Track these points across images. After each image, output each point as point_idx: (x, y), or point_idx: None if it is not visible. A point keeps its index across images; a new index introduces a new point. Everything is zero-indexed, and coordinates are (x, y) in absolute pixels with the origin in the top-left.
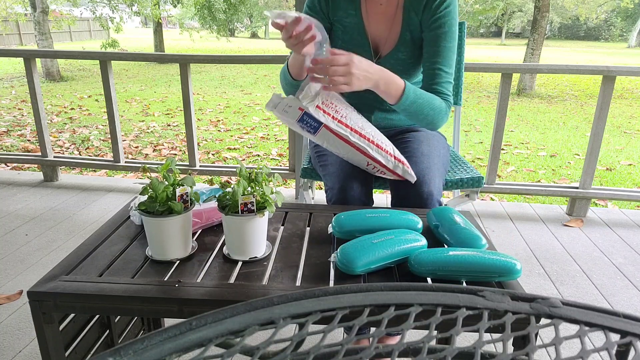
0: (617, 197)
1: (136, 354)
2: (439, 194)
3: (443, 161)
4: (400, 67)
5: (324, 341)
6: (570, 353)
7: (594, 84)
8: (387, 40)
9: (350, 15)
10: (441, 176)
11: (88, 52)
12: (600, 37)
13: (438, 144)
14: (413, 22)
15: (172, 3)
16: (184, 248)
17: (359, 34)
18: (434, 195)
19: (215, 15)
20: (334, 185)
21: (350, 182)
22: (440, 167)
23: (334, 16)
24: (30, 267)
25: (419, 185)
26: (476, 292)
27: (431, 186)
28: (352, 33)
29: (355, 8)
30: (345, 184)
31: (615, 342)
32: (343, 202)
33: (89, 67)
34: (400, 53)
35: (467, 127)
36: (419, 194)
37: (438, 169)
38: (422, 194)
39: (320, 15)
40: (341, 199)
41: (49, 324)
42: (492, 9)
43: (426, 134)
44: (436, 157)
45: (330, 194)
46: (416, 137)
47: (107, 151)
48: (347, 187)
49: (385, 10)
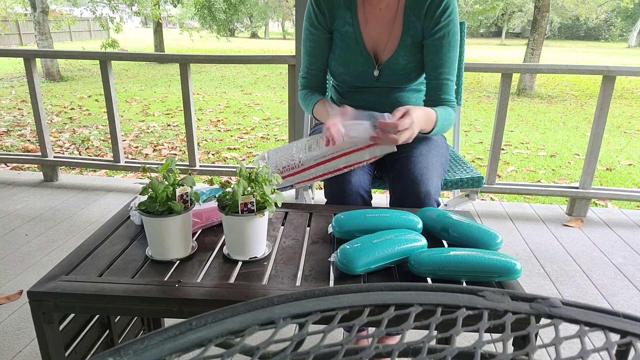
0: (617, 197)
1: (136, 354)
2: (437, 194)
3: (441, 161)
4: (401, 72)
5: (324, 341)
6: (570, 353)
7: (594, 84)
8: (387, 45)
9: (347, 23)
10: (439, 176)
11: (88, 52)
12: (600, 37)
13: (437, 143)
14: (414, 26)
15: (172, 3)
16: (184, 248)
17: (356, 42)
18: (431, 194)
19: (215, 15)
20: (332, 190)
21: (349, 185)
22: (438, 166)
23: (332, 25)
24: (30, 267)
25: (416, 185)
26: (476, 292)
27: (429, 186)
28: (349, 41)
29: (352, 16)
30: (344, 188)
31: (615, 342)
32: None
33: (89, 67)
34: (400, 58)
35: (467, 127)
36: (416, 194)
37: (436, 169)
38: (420, 194)
39: (319, 29)
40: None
41: (49, 324)
42: (492, 9)
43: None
44: (434, 156)
45: (328, 198)
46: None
47: (107, 151)
48: (346, 190)
49: (384, 14)
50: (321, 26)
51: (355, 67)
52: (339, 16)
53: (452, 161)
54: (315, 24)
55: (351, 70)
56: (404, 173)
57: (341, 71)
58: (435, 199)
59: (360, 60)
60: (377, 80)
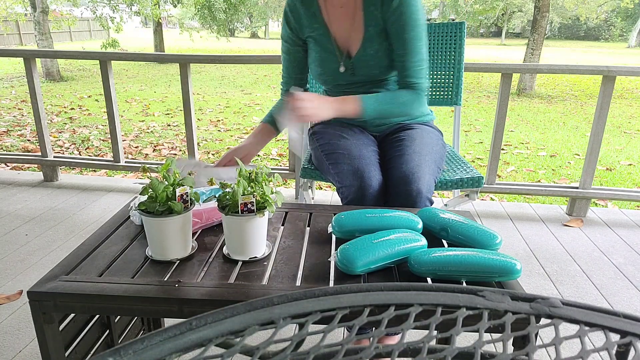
0: (617, 197)
1: (136, 354)
2: (429, 192)
3: (435, 158)
4: (372, 62)
5: (324, 341)
6: (570, 353)
7: (594, 84)
8: (354, 39)
9: (316, 28)
10: (432, 174)
11: (88, 52)
12: (600, 37)
13: (432, 141)
14: (374, 16)
15: (172, 3)
16: (184, 248)
17: (328, 42)
18: (422, 193)
19: (215, 15)
20: (351, 183)
21: (368, 180)
22: (431, 164)
23: (304, 35)
24: (30, 267)
25: (407, 183)
26: (476, 292)
27: (420, 184)
28: (322, 43)
29: (318, 21)
30: (362, 182)
31: (615, 342)
32: (361, 200)
33: (89, 67)
34: (368, 49)
35: (467, 127)
36: (407, 192)
37: (429, 167)
38: (411, 192)
39: (290, 42)
40: (359, 197)
41: (49, 324)
42: (492, 9)
43: (420, 131)
44: (427, 154)
45: (346, 192)
46: (409, 135)
47: (107, 151)
48: (366, 185)
49: (345, 11)
50: (292, 39)
51: (329, 65)
52: (306, 24)
53: (452, 161)
54: (286, 37)
55: (326, 69)
56: (395, 171)
57: (319, 72)
58: (427, 197)
59: (333, 58)
60: (353, 75)
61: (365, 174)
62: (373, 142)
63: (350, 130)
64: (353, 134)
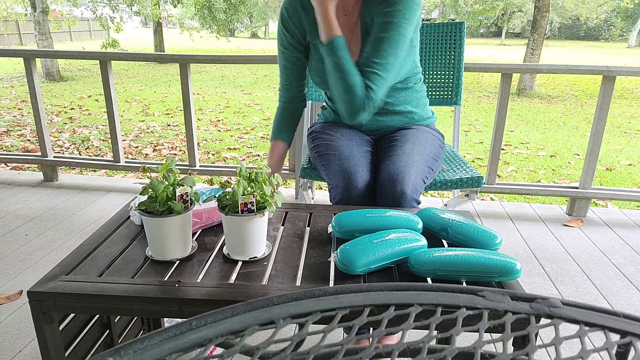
0: (617, 197)
1: (136, 354)
2: (415, 193)
3: (426, 159)
4: None
5: (324, 341)
6: (570, 353)
7: (594, 84)
8: (355, 47)
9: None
10: (419, 174)
11: (88, 52)
12: (600, 37)
13: (426, 141)
14: (369, 23)
15: (172, 3)
16: (184, 248)
17: None
18: (406, 194)
19: (215, 15)
20: (338, 184)
21: (354, 181)
22: (420, 164)
23: (306, 40)
24: (30, 267)
25: (393, 184)
26: (476, 292)
27: (404, 185)
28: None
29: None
30: (349, 182)
31: (615, 342)
32: (347, 200)
33: (89, 67)
34: None
35: (467, 127)
36: (392, 193)
37: (417, 167)
38: (395, 193)
39: (289, 49)
40: (346, 197)
41: (49, 324)
42: (492, 9)
43: (416, 132)
44: (417, 154)
45: (334, 192)
46: (403, 136)
47: (107, 151)
48: (351, 186)
49: (348, 20)
50: (291, 46)
51: None
52: (309, 30)
53: (452, 161)
54: (286, 44)
55: (325, 78)
56: (382, 172)
57: (318, 81)
58: (413, 198)
59: None
60: None
61: (352, 175)
62: (368, 143)
63: (345, 131)
64: (348, 135)
